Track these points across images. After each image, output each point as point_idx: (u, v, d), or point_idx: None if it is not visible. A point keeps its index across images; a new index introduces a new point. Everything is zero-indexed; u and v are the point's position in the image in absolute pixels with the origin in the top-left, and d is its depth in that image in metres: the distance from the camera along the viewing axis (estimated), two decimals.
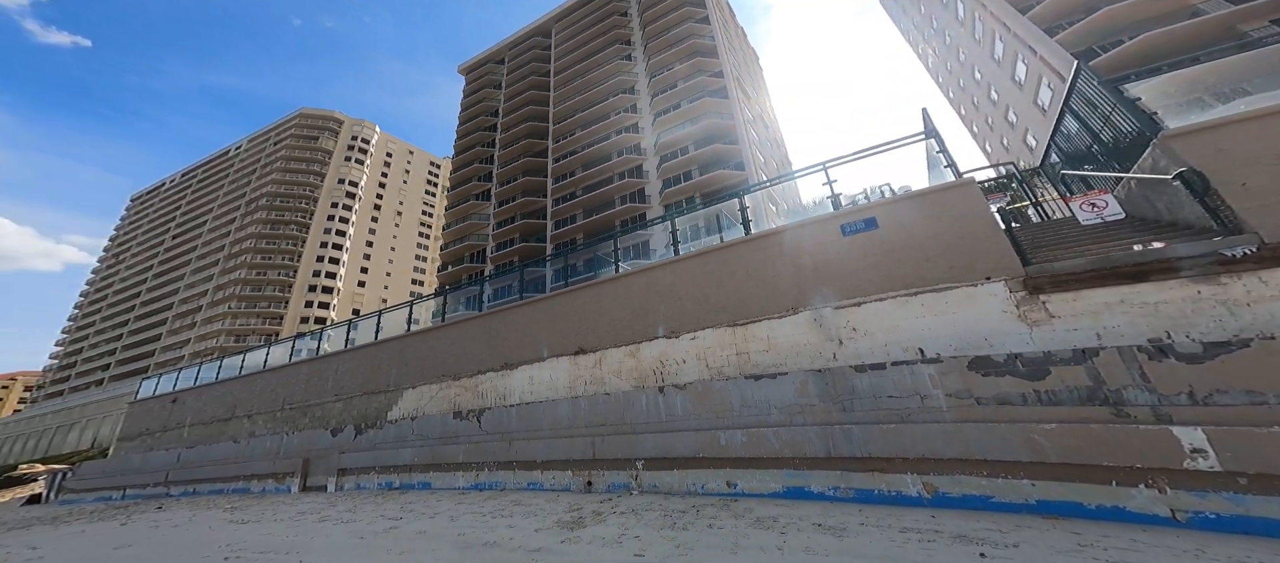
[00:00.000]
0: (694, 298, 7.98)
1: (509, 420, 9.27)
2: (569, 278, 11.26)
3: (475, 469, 9.04)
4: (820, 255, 7.02)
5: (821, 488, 5.66)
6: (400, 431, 11.00)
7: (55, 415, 55.45)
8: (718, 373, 7.15)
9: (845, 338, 6.34)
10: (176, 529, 7.47)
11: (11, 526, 10.75)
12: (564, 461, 7.88)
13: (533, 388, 9.38)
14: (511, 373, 9.94)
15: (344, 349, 14.60)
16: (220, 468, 14.68)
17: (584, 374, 8.72)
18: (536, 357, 9.70)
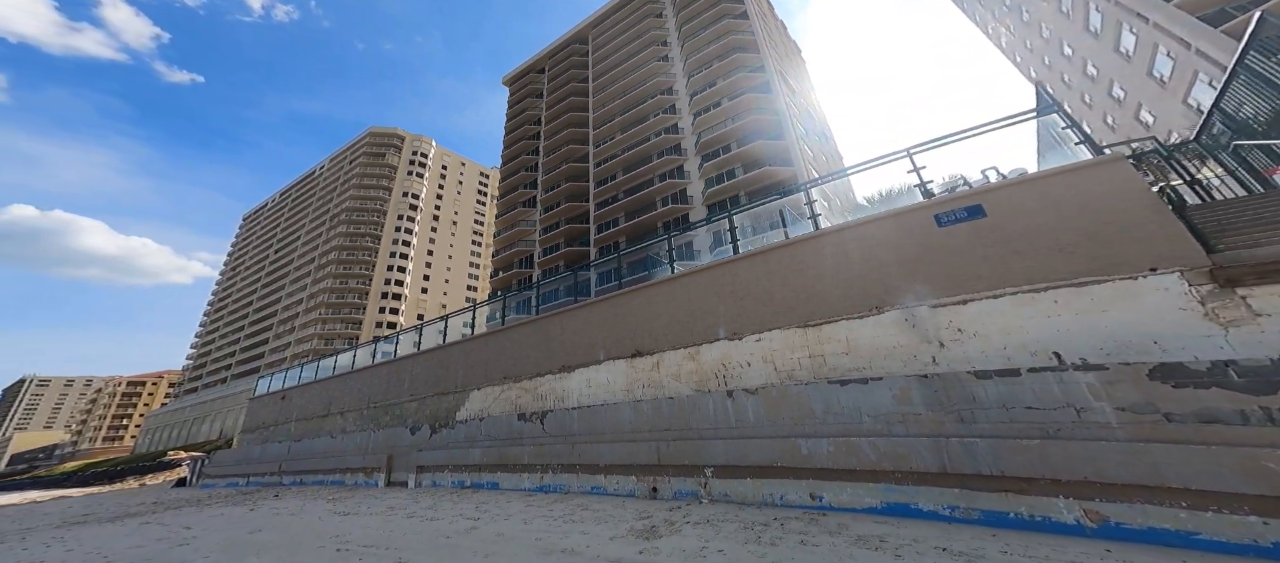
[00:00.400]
0: (757, 298, 7.64)
1: (571, 423, 9.34)
2: (621, 279, 11.21)
3: (540, 471, 9.20)
4: (908, 249, 6.35)
5: (933, 506, 5.03)
6: (469, 431, 11.50)
7: (191, 409, 64.53)
8: (789, 376, 6.79)
9: (947, 340, 5.72)
10: (293, 518, 8.31)
11: (168, 506, 12.68)
12: (627, 465, 7.82)
13: (590, 391, 9.46)
14: (569, 376, 10.11)
15: (416, 352, 15.67)
16: (321, 460, 16.10)
17: (641, 377, 8.64)
18: (592, 360, 9.79)
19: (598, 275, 16.69)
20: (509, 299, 15.57)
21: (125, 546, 7.12)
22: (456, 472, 11.09)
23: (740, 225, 9.99)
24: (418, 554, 4.98)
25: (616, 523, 5.76)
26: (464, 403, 12.74)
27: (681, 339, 8.44)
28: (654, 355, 8.71)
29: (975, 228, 6.04)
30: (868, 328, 6.41)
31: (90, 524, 10.36)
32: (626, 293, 9.95)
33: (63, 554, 6.96)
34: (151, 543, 7.05)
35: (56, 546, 7.72)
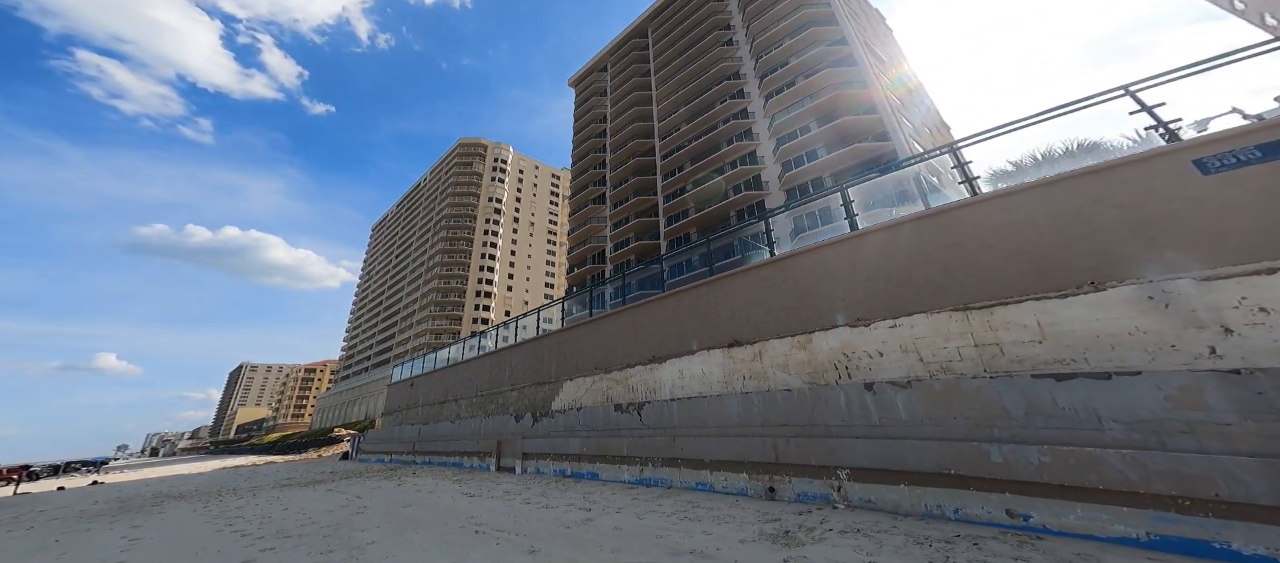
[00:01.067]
0: (888, 278, 6.55)
1: (670, 416, 8.95)
2: (712, 264, 10.64)
3: (639, 464, 9.07)
4: (1151, 207, 4.89)
5: (1259, 548, 3.70)
6: (568, 420, 11.81)
7: (346, 393, 77.80)
8: (944, 368, 5.74)
9: (1238, 324, 4.28)
10: (431, 495, 9.25)
11: (340, 476, 15.21)
12: (736, 461, 7.29)
13: (683, 383, 9.15)
14: (660, 367, 9.88)
15: (513, 344, 16.73)
16: (443, 443, 17.83)
17: (741, 368, 8.09)
18: (684, 350, 9.43)
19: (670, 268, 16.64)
20: (596, 291, 16.21)
21: (320, 509, 8.78)
22: (558, 460, 11.47)
23: (816, 210, 9.23)
24: (546, 543, 5.07)
25: (739, 524, 5.38)
26: (558, 394, 13.64)
27: (787, 327, 7.63)
28: (754, 345, 8.06)
29: (1274, 172, 4.35)
30: (1077, 309, 5.03)
31: (293, 488, 12.67)
32: (719, 280, 9.37)
33: (282, 511, 8.85)
34: (338, 509, 8.56)
35: (277, 504, 9.82)
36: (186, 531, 7.41)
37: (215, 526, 7.69)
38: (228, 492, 13.05)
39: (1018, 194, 5.81)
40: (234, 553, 5.73)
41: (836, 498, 6.01)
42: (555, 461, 11.62)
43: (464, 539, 5.64)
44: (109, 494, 15.86)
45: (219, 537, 6.71)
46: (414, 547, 5.45)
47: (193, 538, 6.77)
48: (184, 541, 6.64)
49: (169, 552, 6.04)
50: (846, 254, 7.25)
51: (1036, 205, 5.62)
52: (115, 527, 8.25)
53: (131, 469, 40.07)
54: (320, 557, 5.27)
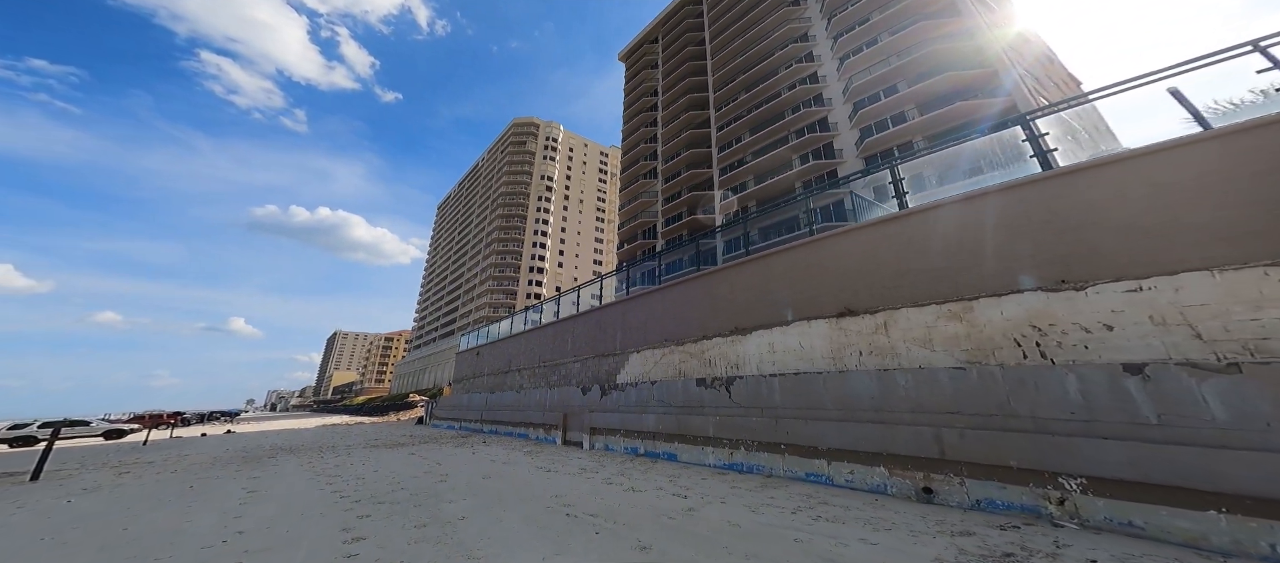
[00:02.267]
0: (1122, 226, 4.69)
1: (769, 394, 7.81)
2: (813, 225, 9.40)
3: (728, 446, 8.10)
4: None
5: None
6: (640, 395, 11.07)
7: (418, 361, 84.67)
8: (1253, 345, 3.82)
9: None
10: (507, 466, 9.11)
11: (419, 440, 15.86)
12: (869, 453, 6.00)
13: (775, 357, 7.96)
14: (743, 339, 8.77)
15: (575, 314, 16.29)
16: (509, 413, 17.90)
17: (857, 342, 6.75)
18: (775, 320, 8.20)
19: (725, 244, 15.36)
20: (662, 259, 15.19)
21: (407, 474, 8.74)
22: (629, 437, 10.80)
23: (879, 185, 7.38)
24: (655, 537, 4.34)
25: (911, 534, 4.18)
26: (624, 366, 12.97)
27: (929, 292, 6.12)
28: (875, 315, 6.63)
29: None
30: None
31: (381, 449, 13.28)
32: (822, 240, 7.99)
33: (373, 472, 9.03)
34: (422, 476, 8.46)
35: (368, 465, 10.11)
36: (294, 488, 7.63)
37: (318, 484, 7.89)
38: (328, 449, 13.97)
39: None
40: (334, 516, 5.59)
41: (1057, 514, 4.48)
42: (626, 438, 10.95)
43: (557, 523, 5.00)
44: (237, 444, 17.84)
45: (321, 497, 6.76)
46: (507, 528, 4.89)
47: (299, 496, 6.90)
48: (292, 498, 6.77)
49: (279, 509, 6.09)
50: (1029, 201, 5.51)
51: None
52: (238, 477, 8.82)
53: (255, 421, 46.33)
54: (415, 530, 4.88)
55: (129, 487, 8.24)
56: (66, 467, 12.11)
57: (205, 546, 4.58)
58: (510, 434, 17.02)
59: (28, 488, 8.87)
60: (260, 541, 4.69)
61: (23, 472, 10.86)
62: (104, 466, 12.01)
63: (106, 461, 13.45)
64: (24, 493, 8.22)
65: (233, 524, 5.36)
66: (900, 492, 5.64)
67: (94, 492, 7.95)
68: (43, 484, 9.11)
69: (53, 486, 8.99)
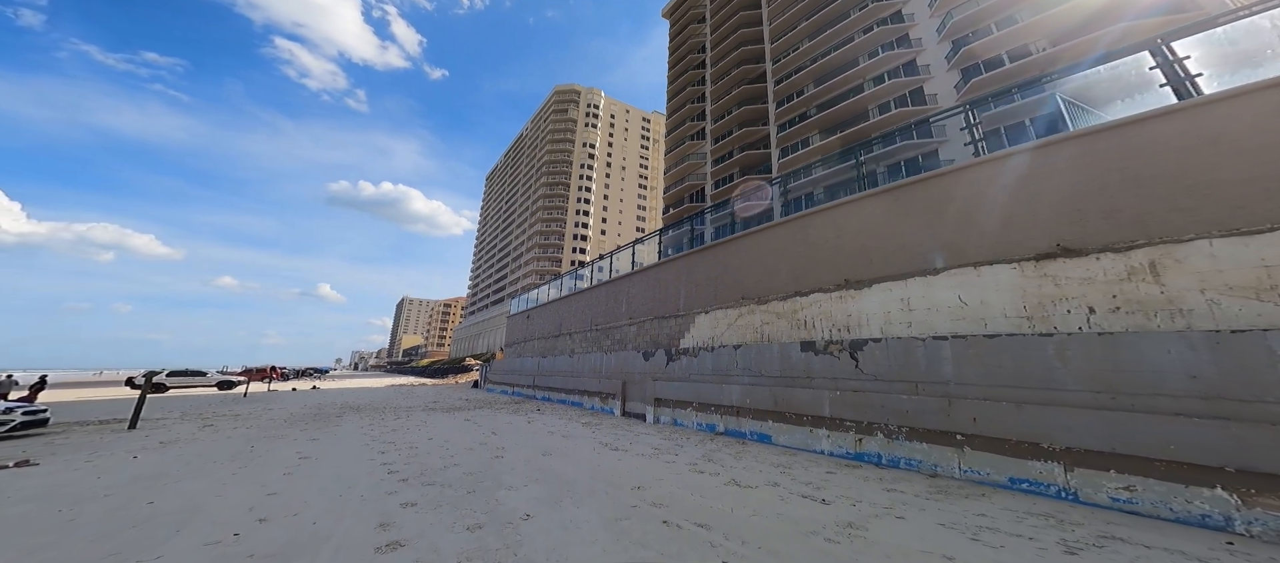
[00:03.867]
0: None
1: (936, 364, 5.47)
2: (978, 148, 6.84)
3: (854, 430, 6.10)
4: None
5: None
6: (718, 362, 9.22)
7: (473, 326, 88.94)
8: None
9: None
10: (567, 441, 7.98)
11: (474, 405, 15.43)
12: (1193, 465, 3.65)
13: (911, 316, 5.93)
14: (859, 294, 6.75)
15: (631, 271, 14.64)
16: (562, 379, 16.78)
17: (1090, 295, 4.51)
18: (915, 269, 6.08)
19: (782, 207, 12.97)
20: (736, 209, 13.04)
21: (461, 445, 7.70)
22: (703, 412, 9.13)
23: None
24: None
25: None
26: (689, 328, 11.29)
27: (1261, 213, 3.72)
28: (1129, 252, 4.29)
29: None
30: None
31: (437, 412, 12.81)
32: (1001, 159, 5.62)
33: (427, 440, 8.21)
34: (477, 448, 7.39)
35: (423, 431, 9.34)
36: (345, 456, 6.88)
37: (370, 452, 7.09)
38: (389, 410, 13.76)
39: None
40: (376, 502, 4.55)
41: None
42: (700, 412, 9.30)
43: (655, 537, 3.48)
44: (316, 401, 18.56)
45: (369, 471, 5.85)
46: (586, 540, 3.43)
47: (346, 468, 6.07)
48: (339, 471, 5.93)
49: (318, 487, 5.18)
50: None
51: None
52: (298, 439, 8.32)
53: (339, 378, 50.72)
54: (467, 535, 3.60)
55: (199, 443, 8.00)
56: (169, 416, 12.71)
57: (211, 541, 3.51)
58: (563, 402, 16.01)
59: (119, 437, 9.02)
60: (278, 538, 3.56)
61: (126, 420, 11.36)
62: (197, 417, 12.44)
63: (205, 411, 14.11)
64: (110, 443, 8.22)
65: (262, 506, 4.38)
66: (1251, 527, 3.39)
67: (169, 446, 7.73)
68: (135, 433, 9.36)
69: (139, 436, 9.05)
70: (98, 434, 9.51)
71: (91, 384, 37.05)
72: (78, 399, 20.12)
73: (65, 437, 9.31)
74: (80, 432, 10.03)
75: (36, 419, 9.94)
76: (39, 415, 10.00)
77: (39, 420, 10.01)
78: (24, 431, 9.67)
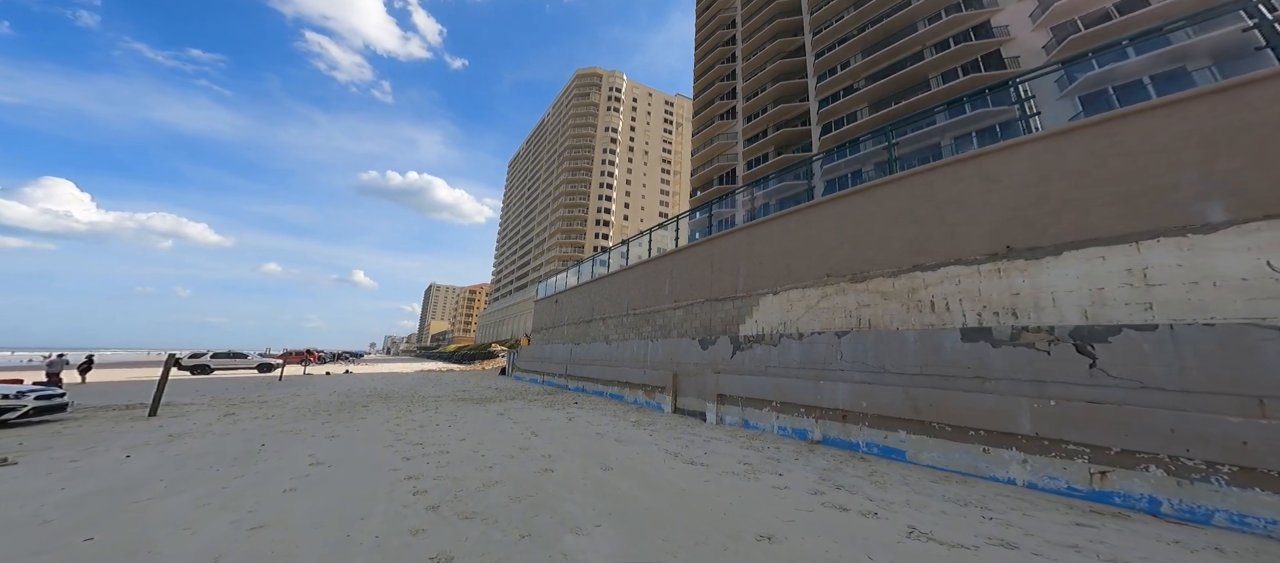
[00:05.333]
0: None
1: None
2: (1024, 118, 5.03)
3: (1087, 458, 4.14)
4: None
5: None
6: (812, 352, 7.29)
7: (497, 313, 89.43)
8: None
9: None
10: (624, 447, 6.55)
11: (506, 395, 14.13)
12: None
13: (1150, 295, 4.04)
14: (1036, 265, 4.87)
15: (675, 249, 12.97)
16: (599, 369, 14.71)
17: None
18: (1160, 226, 4.14)
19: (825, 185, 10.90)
20: (811, 169, 11.03)
21: (500, 451, 6.31)
22: (788, 413, 7.28)
23: None
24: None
25: None
26: (752, 312, 9.56)
27: None
28: None
29: None
30: None
31: (468, 404, 11.53)
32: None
33: (459, 441, 6.88)
34: (518, 454, 6.01)
35: (454, 430, 7.99)
36: (364, 465, 5.57)
37: (393, 457, 5.74)
38: (418, 400, 12.67)
39: None
40: (394, 544, 3.15)
41: None
42: (784, 413, 7.49)
43: None
44: (346, 387, 17.85)
45: (391, 487, 4.46)
46: None
47: (364, 483, 4.71)
48: (353, 487, 4.60)
49: (326, 509, 3.86)
50: None
51: None
52: (317, 435, 7.17)
53: (372, 363, 51.43)
54: None
55: (209, 438, 6.95)
56: (196, 403, 11.99)
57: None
58: (600, 394, 14.47)
59: (132, 426, 8.20)
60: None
61: (146, 406, 10.65)
62: (223, 404, 11.58)
63: (233, 397, 13.39)
64: (116, 434, 7.30)
65: (234, 553, 2.98)
66: None
67: (175, 441, 6.71)
68: (151, 422, 8.57)
69: (153, 426, 8.20)
70: (113, 422, 8.64)
71: (144, 364, 38.41)
72: (123, 379, 20.22)
73: (79, 425, 8.45)
74: (100, 418, 9.28)
75: (52, 405, 9.15)
76: (54, 401, 9.21)
77: (55, 406, 9.22)
78: (38, 416, 8.89)
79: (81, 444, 6.49)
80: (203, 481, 4.68)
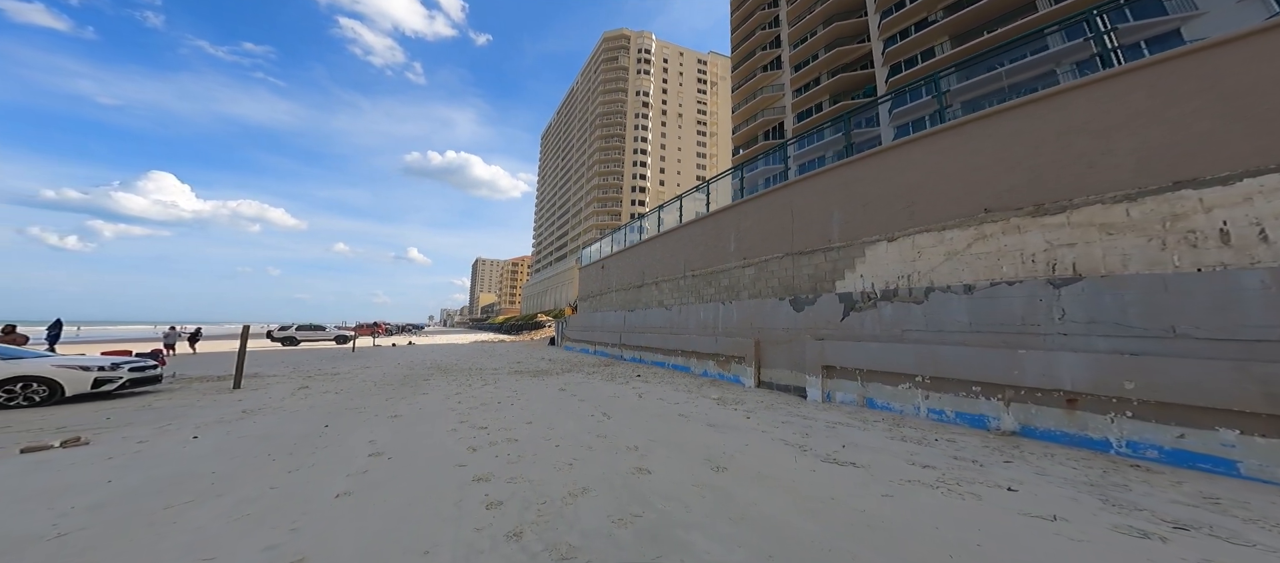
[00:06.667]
0: None
1: None
2: None
3: None
4: None
5: None
6: (992, 308, 5.30)
7: (539, 284, 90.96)
8: None
9: None
10: (724, 435, 5.22)
11: (561, 368, 13.05)
12: None
13: None
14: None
15: (740, 201, 11.05)
16: (658, 337, 13.35)
17: None
18: None
19: (894, 131, 8.01)
20: (876, 115, 8.55)
21: (575, 437, 5.29)
22: (952, 394, 5.34)
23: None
24: None
25: None
26: (853, 265, 7.62)
27: None
28: None
29: None
30: None
31: (525, 377, 10.66)
32: None
33: (525, 424, 5.84)
34: (595, 443, 4.87)
35: (518, 405, 7.15)
36: (426, 462, 4.62)
37: (458, 448, 4.73)
38: (475, 373, 12.04)
39: None
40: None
41: None
42: (939, 392, 5.53)
43: None
44: (409, 358, 17.83)
45: (458, 497, 3.35)
46: None
47: (427, 488, 3.68)
48: (416, 493, 3.59)
49: (382, 529, 2.83)
50: None
51: None
52: (381, 414, 6.46)
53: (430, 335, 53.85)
54: None
55: (279, 415, 6.47)
56: (278, 374, 12.08)
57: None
58: (661, 365, 13.12)
59: (215, 399, 8.09)
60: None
61: (244, 375, 10.85)
62: (301, 376, 11.59)
63: (311, 369, 13.42)
64: (195, 409, 7.07)
65: None
66: None
67: (246, 419, 6.27)
68: (233, 395, 8.50)
69: (233, 400, 7.99)
70: (199, 395, 8.57)
71: None
72: (226, 351, 21.61)
73: (170, 397, 8.44)
74: (192, 389, 9.39)
75: (145, 377, 9.20)
76: (148, 373, 9.27)
77: (148, 378, 9.30)
78: (133, 388, 8.96)
79: (160, 421, 6.18)
80: (253, 476, 3.86)
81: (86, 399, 7.96)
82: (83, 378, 7.91)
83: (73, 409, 7.13)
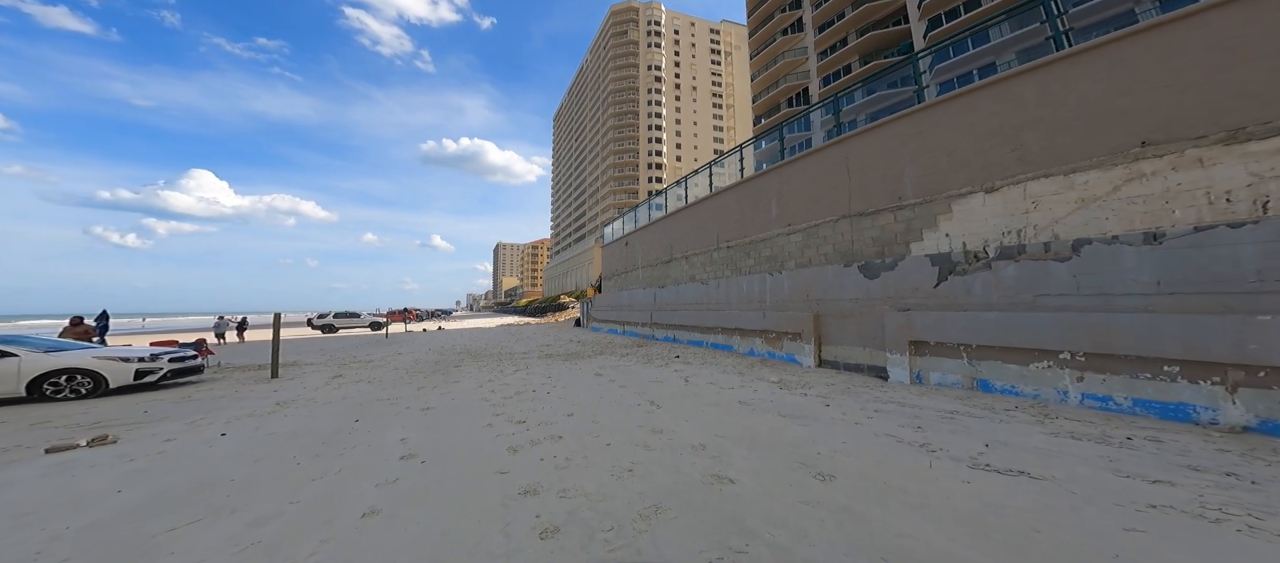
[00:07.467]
0: None
1: None
2: None
3: None
4: None
5: None
6: (1188, 262, 3.93)
7: (559, 266, 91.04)
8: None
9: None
10: (807, 427, 4.40)
11: (591, 350, 12.13)
12: None
13: None
14: None
15: (782, 163, 9.78)
16: (695, 314, 12.20)
17: None
18: None
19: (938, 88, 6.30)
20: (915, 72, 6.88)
21: (623, 430, 4.51)
22: (1121, 375, 4.14)
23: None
24: None
25: None
26: (935, 222, 6.36)
27: None
28: None
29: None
30: None
31: (557, 361, 10.03)
32: None
33: (565, 410, 5.28)
34: (652, 438, 4.04)
35: (554, 394, 6.41)
36: (463, 467, 3.95)
37: (497, 448, 4.01)
38: (506, 357, 11.50)
39: None
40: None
41: None
42: (1098, 373, 4.27)
43: None
44: (439, 343, 17.57)
45: (506, 526, 2.58)
46: None
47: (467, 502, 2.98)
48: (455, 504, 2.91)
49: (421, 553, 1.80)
50: None
51: None
52: (412, 407, 5.89)
53: (458, 319, 54.67)
54: None
55: (310, 408, 6.02)
56: (315, 362, 11.90)
57: None
58: (700, 345, 12.11)
59: (252, 389, 7.87)
60: None
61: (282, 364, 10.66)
62: (336, 364, 11.35)
63: (346, 356, 13.21)
64: (229, 401, 6.81)
65: None
66: None
67: (279, 411, 5.88)
68: (269, 385, 8.27)
69: (269, 390, 7.72)
70: (236, 386, 8.34)
71: (289, 325, 43.52)
72: (267, 340, 22.09)
73: (209, 388, 8.23)
74: (231, 379, 9.24)
75: (185, 367, 9.05)
76: (188, 364, 9.13)
77: (188, 369, 9.15)
78: (175, 379, 8.81)
79: (194, 415, 5.84)
80: (273, 486, 3.28)
81: (130, 391, 7.85)
82: (125, 370, 7.80)
83: (115, 401, 6.95)
